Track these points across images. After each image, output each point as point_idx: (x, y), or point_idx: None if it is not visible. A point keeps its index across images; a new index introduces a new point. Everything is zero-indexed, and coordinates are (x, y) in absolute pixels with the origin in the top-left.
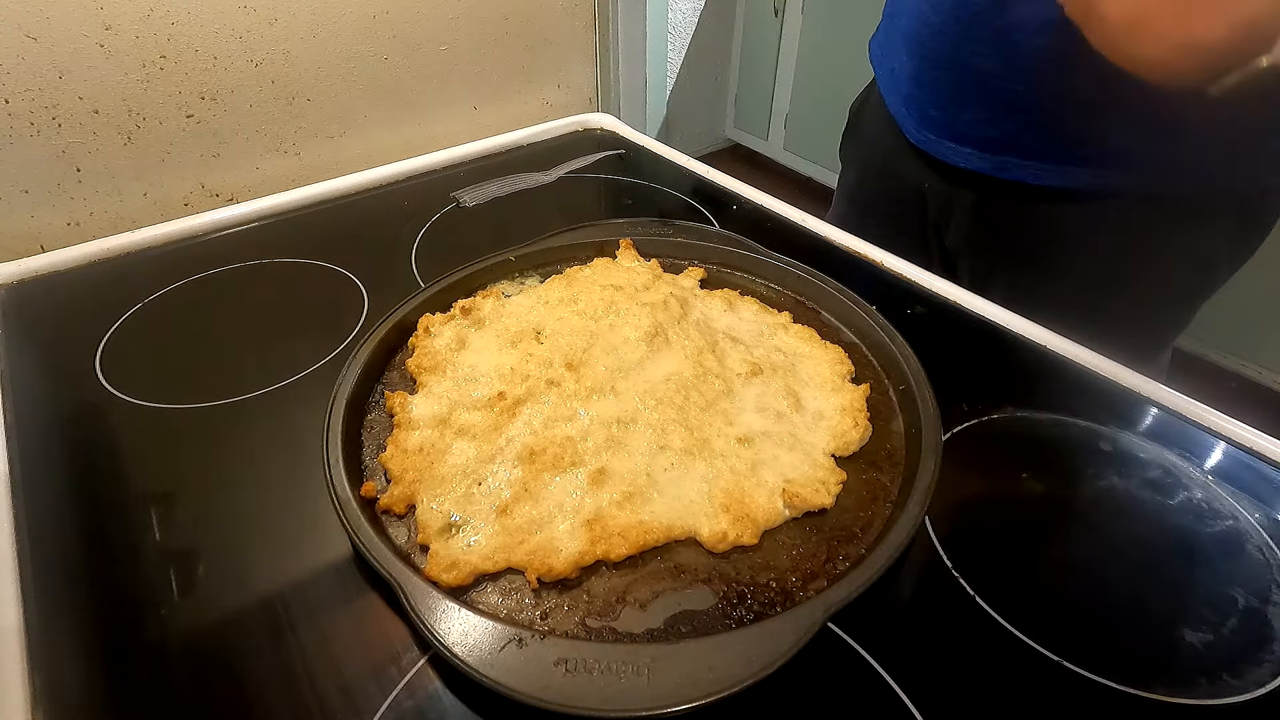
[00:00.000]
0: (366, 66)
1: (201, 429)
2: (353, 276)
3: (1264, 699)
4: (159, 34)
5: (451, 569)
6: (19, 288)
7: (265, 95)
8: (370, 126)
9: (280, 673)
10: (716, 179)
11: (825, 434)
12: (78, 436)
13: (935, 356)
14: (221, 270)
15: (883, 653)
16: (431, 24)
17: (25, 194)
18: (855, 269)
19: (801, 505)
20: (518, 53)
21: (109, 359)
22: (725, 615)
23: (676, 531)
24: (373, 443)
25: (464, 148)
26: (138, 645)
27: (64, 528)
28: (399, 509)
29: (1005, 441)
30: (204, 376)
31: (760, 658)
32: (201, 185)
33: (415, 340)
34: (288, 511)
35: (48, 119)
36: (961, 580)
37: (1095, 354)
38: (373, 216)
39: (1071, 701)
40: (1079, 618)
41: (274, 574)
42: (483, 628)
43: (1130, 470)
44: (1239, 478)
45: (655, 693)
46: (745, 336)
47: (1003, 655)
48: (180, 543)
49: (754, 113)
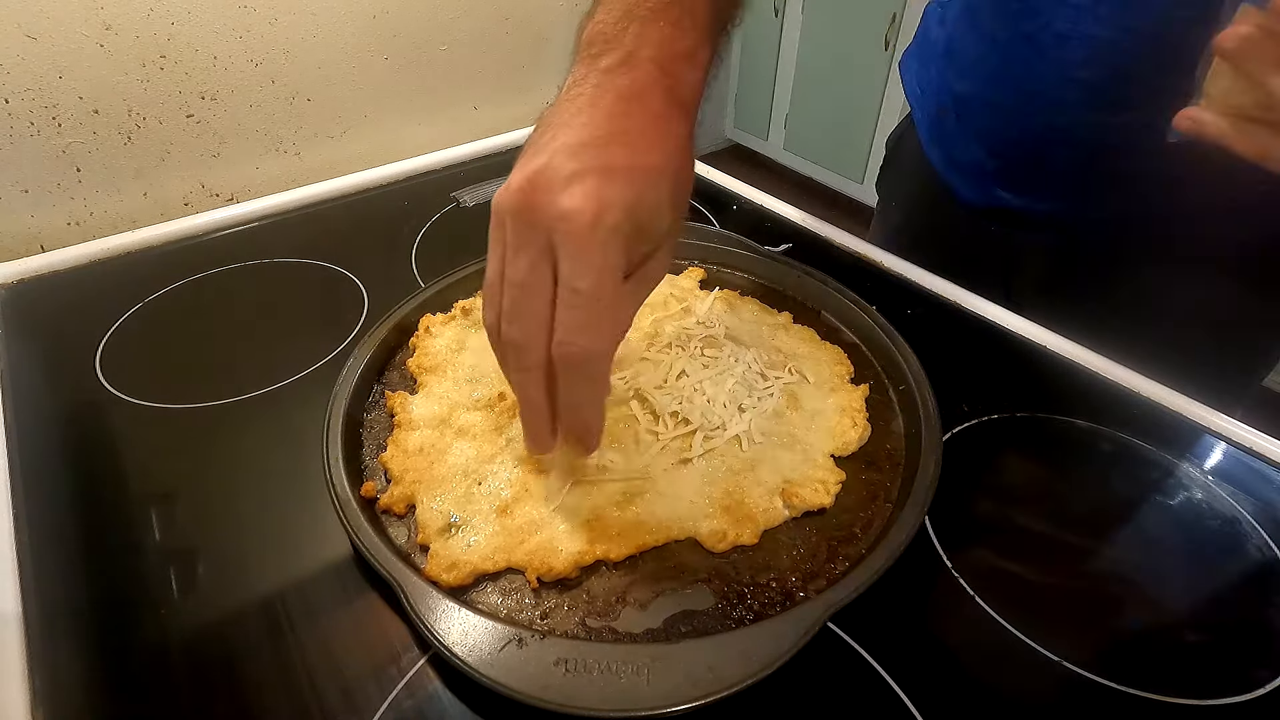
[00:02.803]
0: (366, 66)
1: (201, 429)
2: (353, 276)
3: (1264, 699)
4: (159, 34)
5: (451, 569)
6: (19, 288)
7: (265, 95)
8: (370, 126)
9: (280, 673)
10: (716, 179)
11: (824, 434)
12: (78, 436)
13: (935, 357)
14: (221, 270)
15: (883, 653)
16: (431, 24)
17: (25, 194)
18: (855, 269)
19: (801, 505)
20: (518, 53)
21: (109, 359)
22: (725, 615)
23: (676, 531)
24: (373, 443)
25: (464, 148)
26: (138, 645)
27: (64, 528)
28: (399, 509)
29: (1005, 441)
30: (204, 376)
31: (760, 658)
32: (201, 185)
33: (416, 340)
34: (288, 511)
35: (48, 119)
36: (961, 580)
37: (1095, 354)
38: (373, 216)
39: (1071, 701)
40: (1079, 618)
41: (274, 574)
42: (483, 628)
43: (1130, 470)
44: (1239, 478)
45: (655, 693)
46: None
47: (1003, 655)
48: (180, 543)
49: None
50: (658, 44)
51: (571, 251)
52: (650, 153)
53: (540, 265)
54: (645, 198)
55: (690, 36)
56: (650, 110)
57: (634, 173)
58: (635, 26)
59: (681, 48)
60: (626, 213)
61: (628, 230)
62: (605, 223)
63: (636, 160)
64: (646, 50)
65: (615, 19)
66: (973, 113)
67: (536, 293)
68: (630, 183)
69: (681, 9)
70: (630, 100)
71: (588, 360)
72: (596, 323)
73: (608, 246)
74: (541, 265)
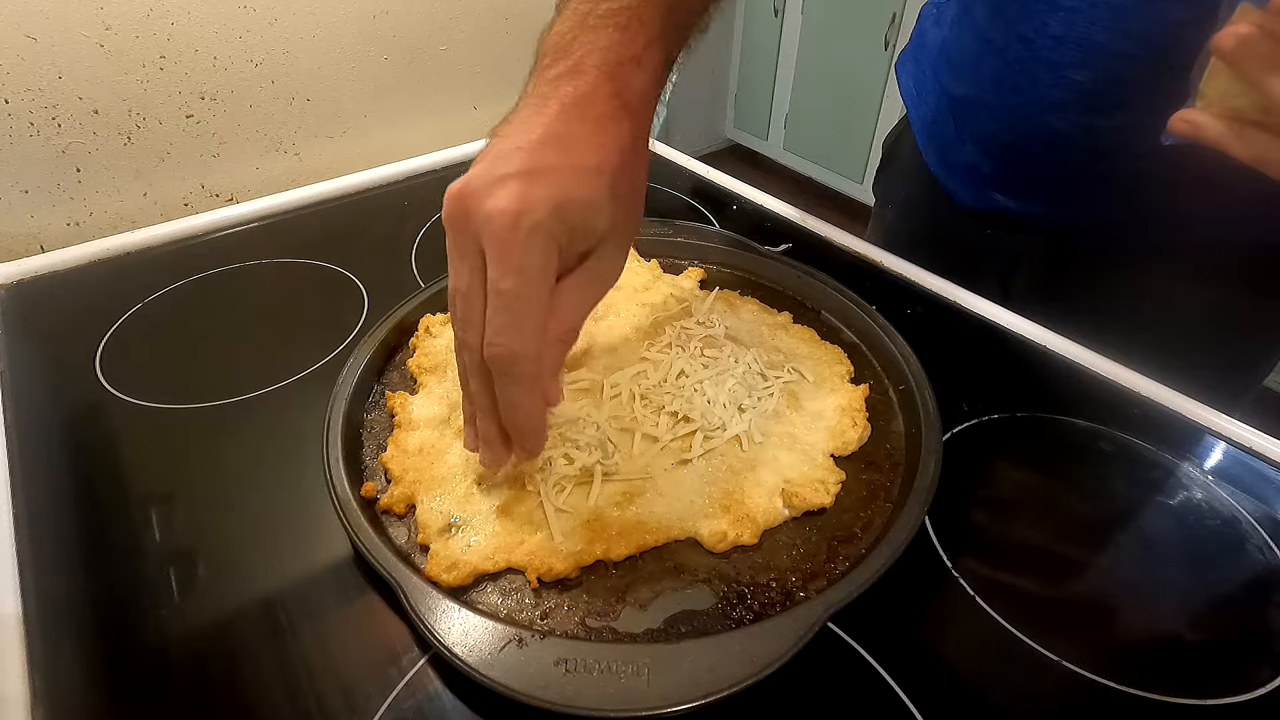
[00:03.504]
0: (366, 66)
1: (201, 429)
2: (353, 276)
3: (1264, 699)
4: (159, 34)
5: (452, 569)
6: (19, 288)
7: (265, 95)
8: (370, 126)
9: (280, 673)
10: (716, 179)
11: (824, 434)
12: (78, 436)
13: (935, 356)
14: (221, 270)
15: (883, 653)
16: (431, 24)
17: (25, 194)
18: (855, 268)
19: (801, 505)
20: (518, 53)
21: (109, 359)
22: (725, 615)
23: (676, 531)
24: (373, 443)
25: (464, 148)
26: (138, 645)
27: (64, 528)
28: (399, 509)
29: (1005, 441)
30: (204, 376)
31: (760, 657)
32: (201, 185)
33: (416, 340)
34: (288, 511)
35: (48, 119)
36: (961, 580)
37: (1095, 354)
38: (373, 216)
39: (1071, 701)
40: (1079, 618)
41: (274, 574)
42: (483, 628)
43: (1130, 470)
44: (1239, 478)
45: (655, 693)
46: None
47: (1003, 655)
48: (180, 543)
49: (754, 113)
50: (604, 50)
51: (495, 253)
52: (584, 153)
53: (478, 270)
54: (574, 195)
55: (638, 41)
56: (592, 114)
57: (562, 172)
58: (584, 35)
59: (628, 53)
60: (552, 212)
61: (553, 228)
62: (525, 222)
63: (567, 160)
64: (592, 58)
65: (567, 29)
66: (968, 115)
67: (477, 297)
68: (557, 182)
69: (630, 14)
70: (572, 106)
71: (514, 361)
72: (519, 323)
73: (530, 246)
74: (479, 270)
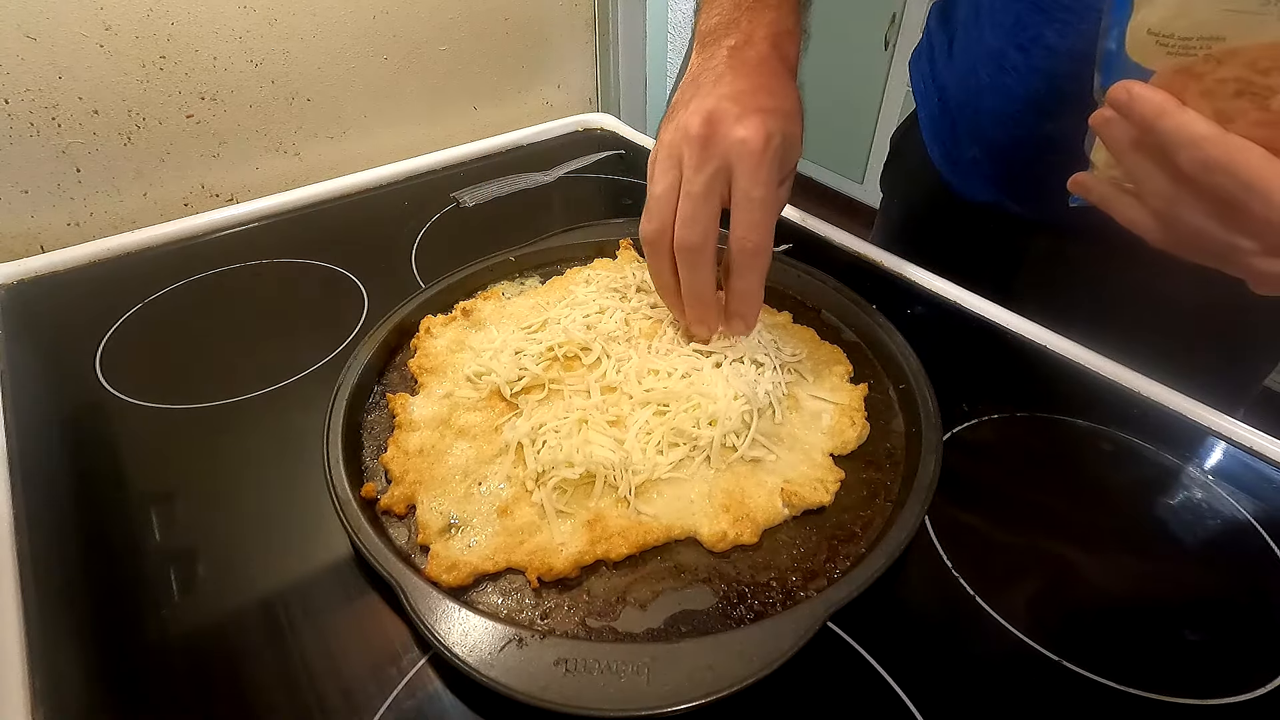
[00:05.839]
0: (366, 66)
1: (201, 429)
2: (353, 276)
3: (1264, 699)
4: (159, 34)
5: (452, 569)
6: (19, 288)
7: (265, 95)
8: (370, 126)
9: (280, 673)
10: None
11: (823, 433)
12: (78, 436)
13: (935, 356)
14: (221, 270)
15: (883, 653)
16: (431, 24)
17: (25, 194)
18: (855, 269)
19: (800, 504)
20: (518, 53)
21: (109, 359)
22: (725, 615)
23: (676, 531)
24: (373, 443)
25: (464, 148)
26: (138, 645)
27: (64, 528)
28: (399, 509)
29: (1005, 441)
30: (204, 376)
31: (760, 657)
32: (201, 185)
33: (417, 341)
34: (288, 511)
35: (48, 119)
36: (961, 580)
37: (1095, 354)
38: (373, 216)
39: (1071, 701)
40: (1079, 618)
41: (274, 574)
42: (483, 628)
43: (1130, 470)
44: (1239, 478)
45: (655, 693)
46: None
47: (1003, 655)
48: (180, 543)
49: None
50: (768, 24)
51: (748, 168)
52: (786, 100)
53: (716, 181)
54: (789, 132)
55: (789, 18)
56: (773, 72)
57: (779, 113)
58: (747, 15)
59: (784, 27)
60: (782, 141)
61: (783, 155)
62: (773, 144)
63: (779, 105)
64: (760, 30)
65: (728, 10)
66: (970, 116)
67: (711, 201)
68: (780, 120)
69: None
70: (757, 66)
71: (759, 252)
72: (767, 222)
73: (772, 165)
74: (717, 181)
